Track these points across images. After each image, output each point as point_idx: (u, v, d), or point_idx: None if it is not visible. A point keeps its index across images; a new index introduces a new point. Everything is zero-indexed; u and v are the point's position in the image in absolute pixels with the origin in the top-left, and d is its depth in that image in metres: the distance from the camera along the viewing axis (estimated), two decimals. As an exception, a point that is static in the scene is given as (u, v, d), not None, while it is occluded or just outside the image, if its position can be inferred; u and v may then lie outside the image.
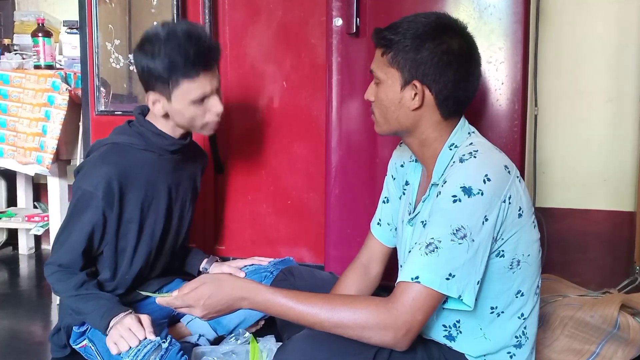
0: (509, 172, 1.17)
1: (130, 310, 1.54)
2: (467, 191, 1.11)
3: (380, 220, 1.52)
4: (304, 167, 2.18)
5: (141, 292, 1.51)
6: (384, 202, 1.52)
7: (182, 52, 1.53)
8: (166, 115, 1.63)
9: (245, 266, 1.88)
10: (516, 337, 1.23)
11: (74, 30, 2.60)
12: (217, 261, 1.92)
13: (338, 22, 1.83)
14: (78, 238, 1.58)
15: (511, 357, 1.24)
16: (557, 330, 1.71)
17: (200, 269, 1.91)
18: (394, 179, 1.49)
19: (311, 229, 2.16)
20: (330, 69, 1.87)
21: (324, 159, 1.93)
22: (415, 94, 1.22)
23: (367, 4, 1.80)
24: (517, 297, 1.21)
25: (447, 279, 1.08)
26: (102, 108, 2.22)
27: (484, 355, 1.23)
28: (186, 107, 1.58)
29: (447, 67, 1.20)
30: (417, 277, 1.08)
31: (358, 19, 1.79)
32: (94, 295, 1.58)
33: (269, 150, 2.19)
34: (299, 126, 2.15)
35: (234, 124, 2.21)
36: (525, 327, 1.24)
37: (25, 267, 2.84)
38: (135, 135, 1.65)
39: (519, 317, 1.23)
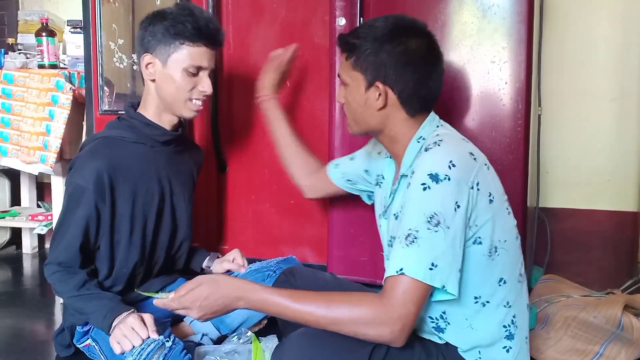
0: (474, 158, 1.19)
1: (132, 309, 1.55)
2: (435, 178, 1.13)
3: (337, 165, 1.68)
4: (307, 166, 2.17)
5: (141, 292, 1.51)
6: (350, 158, 1.64)
7: (193, 19, 1.60)
8: (151, 92, 1.65)
9: (249, 266, 1.89)
10: (504, 326, 1.23)
11: (78, 30, 2.60)
12: (218, 257, 1.93)
13: (341, 21, 1.83)
14: (74, 234, 1.58)
15: (507, 351, 1.24)
16: (560, 331, 1.71)
17: (203, 267, 1.91)
18: (369, 154, 1.58)
19: (314, 228, 2.16)
20: (334, 69, 1.87)
21: (327, 159, 1.93)
22: (379, 95, 1.27)
23: (371, 4, 1.80)
24: (500, 285, 1.22)
25: (431, 269, 1.10)
26: (106, 107, 2.23)
27: (475, 348, 1.23)
28: (177, 73, 1.61)
29: (406, 67, 1.25)
30: (401, 269, 1.10)
31: (361, 18, 1.79)
32: (96, 295, 1.58)
33: (271, 149, 2.18)
34: (302, 125, 2.15)
35: (237, 123, 2.21)
36: (514, 316, 1.24)
37: (28, 266, 2.84)
38: (126, 128, 1.67)
39: (504, 306, 1.23)
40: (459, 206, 1.13)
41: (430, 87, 1.29)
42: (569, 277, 2.14)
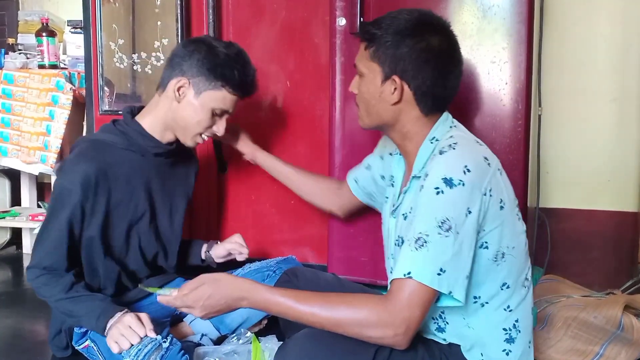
0: (488, 164, 1.18)
1: (126, 310, 1.54)
2: (449, 182, 1.12)
3: (357, 179, 1.65)
4: (307, 166, 2.16)
5: (143, 288, 1.50)
6: (366, 167, 1.62)
7: (243, 70, 1.63)
8: (165, 109, 1.63)
9: (249, 266, 1.89)
10: (504, 329, 1.23)
11: (78, 30, 2.61)
12: (216, 244, 1.91)
13: (341, 22, 1.83)
14: (59, 237, 1.56)
15: (507, 354, 1.23)
16: (560, 331, 1.71)
17: (203, 257, 1.89)
18: (382, 159, 1.55)
19: (314, 229, 2.16)
20: (334, 69, 1.87)
21: (327, 159, 1.93)
22: (395, 89, 1.24)
23: (371, 4, 1.80)
24: (502, 289, 1.21)
25: (439, 274, 1.09)
26: (106, 107, 2.23)
27: (475, 348, 1.23)
28: (205, 109, 1.61)
29: (426, 64, 1.23)
30: (409, 273, 1.09)
31: (362, 18, 1.78)
32: (86, 297, 1.56)
33: (272, 149, 2.19)
34: (302, 126, 2.15)
35: (238, 123, 2.21)
36: (516, 320, 1.24)
37: (29, 266, 2.84)
38: (118, 134, 1.65)
39: (504, 310, 1.22)
40: (470, 212, 1.12)
41: (446, 87, 1.26)
42: (569, 278, 2.14)
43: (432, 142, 1.25)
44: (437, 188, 1.12)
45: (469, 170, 1.12)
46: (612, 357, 1.62)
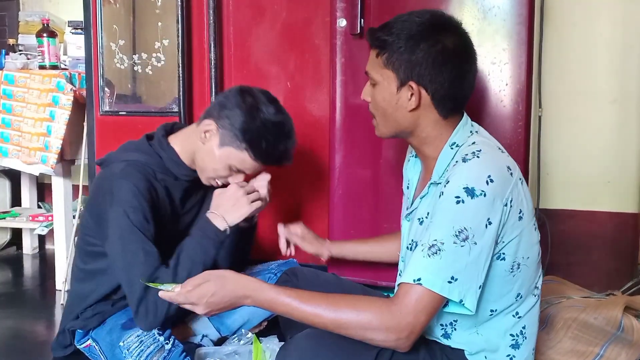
0: (511, 173, 1.16)
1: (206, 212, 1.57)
2: (470, 192, 1.10)
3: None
4: (308, 167, 2.18)
5: (145, 283, 1.48)
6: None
7: (273, 142, 1.54)
8: (191, 144, 1.62)
9: (250, 269, 1.89)
10: (511, 335, 1.22)
11: (79, 31, 2.61)
12: None
13: (342, 22, 1.84)
14: (145, 250, 1.50)
15: (511, 359, 1.23)
16: (560, 332, 1.70)
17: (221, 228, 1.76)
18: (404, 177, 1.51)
19: (314, 229, 2.14)
20: (334, 70, 1.87)
21: (328, 160, 1.93)
22: (412, 95, 1.21)
23: (371, 5, 1.80)
24: (516, 299, 1.21)
25: (450, 282, 1.08)
26: (107, 108, 2.23)
27: (481, 352, 1.23)
28: (223, 162, 1.57)
29: (443, 66, 1.19)
30: (419, 279, 1.08)
31: (362, 19, 1.79)
32: (182, 256, 1.50)
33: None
34: (303, 127, 2.14)
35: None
36: (523, 327, 1.23)
37: (29, 266, 2.85)
38: (154, 156, 1.62)
39: (513, 316, 1.22)
40: (490, 223, 1.10)
41: (464, 88, 1.24)
42: (569, 279, 2.14)
43: (452, 148, 1.23)
44: (457, 197, 1.10)
45: (492, 181, 1.10)
46: (612, 358, 1.62)
